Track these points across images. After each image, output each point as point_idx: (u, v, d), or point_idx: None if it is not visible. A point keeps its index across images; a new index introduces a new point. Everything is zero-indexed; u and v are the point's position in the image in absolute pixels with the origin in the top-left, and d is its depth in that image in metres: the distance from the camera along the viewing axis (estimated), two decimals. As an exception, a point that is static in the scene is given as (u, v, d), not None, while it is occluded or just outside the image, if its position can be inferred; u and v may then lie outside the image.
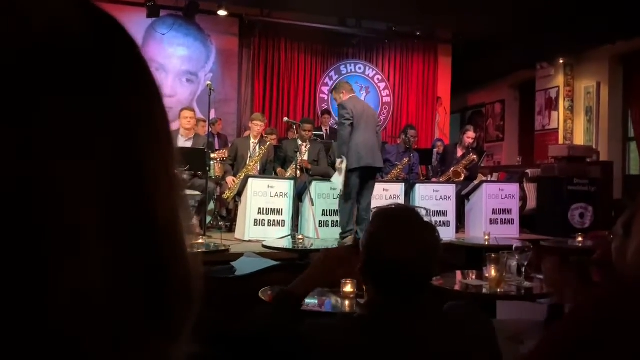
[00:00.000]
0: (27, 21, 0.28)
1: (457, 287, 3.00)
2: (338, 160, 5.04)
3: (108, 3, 8.12)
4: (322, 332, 1.10)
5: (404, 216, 1.23)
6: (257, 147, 6.00)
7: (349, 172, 4.87)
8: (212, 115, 7.86)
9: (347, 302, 2.35)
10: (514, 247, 2.71)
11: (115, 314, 0.29)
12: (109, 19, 0.34)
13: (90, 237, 0.28)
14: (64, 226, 0.27)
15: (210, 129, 7.41)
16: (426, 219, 1.24)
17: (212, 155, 5.67)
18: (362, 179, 5.01)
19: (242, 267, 3.37)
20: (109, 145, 0.29)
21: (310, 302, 2.25)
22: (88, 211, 0.28)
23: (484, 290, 2.68)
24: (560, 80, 9.36)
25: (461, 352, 1.13)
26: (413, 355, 1.09)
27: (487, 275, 2.66)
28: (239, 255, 3.92)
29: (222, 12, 8.30)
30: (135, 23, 8.34)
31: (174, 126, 7.18)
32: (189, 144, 5.67)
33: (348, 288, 2.35)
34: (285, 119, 6.24)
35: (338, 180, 5.06)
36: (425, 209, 5.30)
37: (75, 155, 0.28)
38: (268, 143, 6.03)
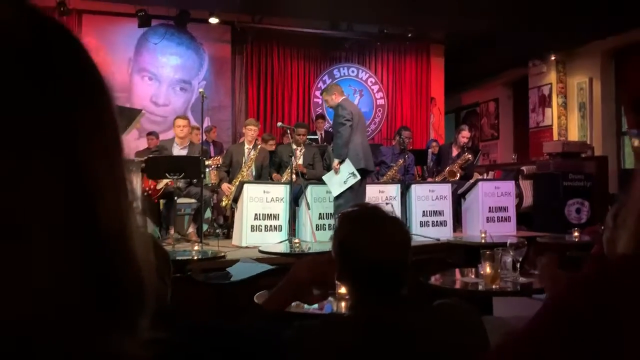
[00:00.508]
0: None
1: (452, 285, 3.01)
2: (336, 161, 5.01)
3: (99, 15, 8.15)
4: (308, 334, 1.10)
5: (369, 215, 1.24)
6: (252, 153, 6.00)
7: (349, 173, 4.88)
8: (207, 122, 7.88)
9: (342, 304, 2.35)
10: (508, 243, 2.72)
11: (64, 310, 0.29)
12: (50, 21, 0.34)
13: (37, 238, 0.28)
14: (9, 227, 0.28)
15: (205, 137, 7.43)
16: (391, 214, 1.25)
17: (207, 162, 5.68)
18: (359, 183, 5.01)
19: (238, 272, 3.37)
20: (49, 152, 0.30)
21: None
22: (33, 214, 0.28)
23: (480, 287, 2.68)
24: (552, 77, 9.39)
25: (450, 345, 1.13)
26: (402, 350, 1.09)
27: (482, 272, 2.67)
28: (235, 262, 3.91)
29: (213, 20, 8.32)
30: (127, 33, 8.37)
31: (168, 135, 7.19)
32: (184, 152, 5.67)
33: (344, 289, 2.35)
34: (279, 123, 6.24)
35: (333, 181, 5.03)
36: (391, 204, 5.34)
37: (14, 160, 0.28)
38: (259, 146, 6.04)
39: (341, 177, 4.97)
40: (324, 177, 5.28)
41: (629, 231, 0.62)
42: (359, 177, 4.92)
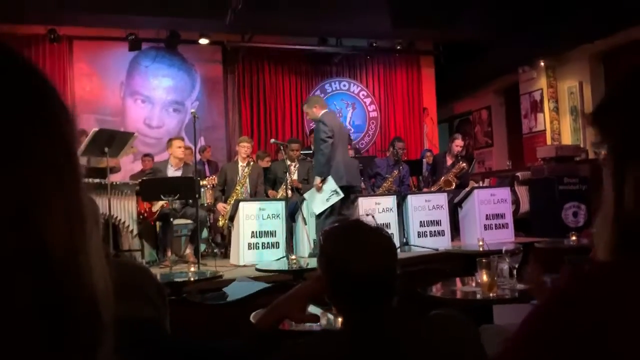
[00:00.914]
0: None
1: (451, 295, 3.00)
2: (318, 179, 4.88)
3: (90, 40, 8.20)
4: (296, 355, 1.09)
5: (351, 228, 1.24)
6: (246, 170, 6.01)
7: (332, 191, 4.78)
8: (201, 142, 7.89)
9: (340, 319, 2.33)
10: (503, 250, 2.71)
11: (13, 341, 0.29)
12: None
13: None
14: None
15: (200, 157, 7.43)
16: (373, 224, 1.25)
17: (202, 182, 5.67)
18: (342, 200, 4.91)
19: (234, 292, 3.34)
20: None
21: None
22: None
23: (478, 296, 2.67)
24: (543, 82, 9.45)
25: (443, 357, 1.12)
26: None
27: (479, 280, 2.65)
28: (232, 281, 3.89)
29: (203, 41, 8.37)
30: (119, 57, 8.42)
31: (163, 156, 7.20)
32: (178, 174, 5.67)
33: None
34: (272, 140, 6.26)
35: (315, 199, 4.92)
36: (371, 215, 5.25)
37: None
38: (251, 163, 6.04)
39: (324, 195, 4.86)
40: (305, 195, 5.19)
41: (602, 238, 0.63)
42: (341, 194, 4.80)
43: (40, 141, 0.33)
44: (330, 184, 4.83)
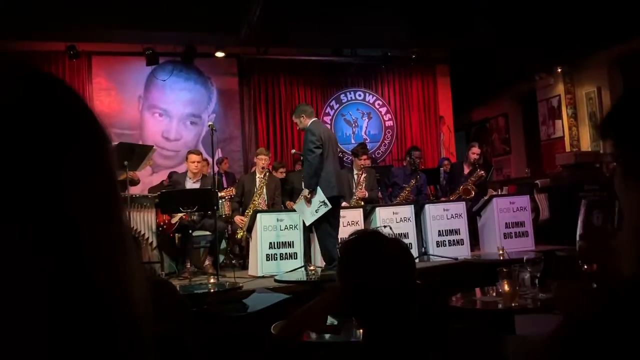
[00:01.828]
0: None
1: (472, 305, 2.96)
2: (306, 191, 4.78)
3: (108, 55, 8.35)
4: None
5: (369, 241, 1.24)
6: (263, 181, 6.03)
7: (320, 202, 4.68)
8: (218, 154, 7.95)
9: (360, 331, 2.32)
10: (524, 259, 2.68)
11: None
12: (44, 77, 0.35)
13: (29, 308, 0.29)
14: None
15: (217, 168, 7.49)
16: (390, 235, 1.25)
17: (220, 194, 5.70)
18: (332, 209, 4.81)
19: (254, 303, 3.35)
20: (42, 211, 0.30)
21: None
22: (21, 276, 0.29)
23: (499, 306, 2.64)
24: (560, 88, 9.37)
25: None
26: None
27: (500, 290, 2.62)
28: (252, 293, 3.90)
29: (219, 54, 8.47)
30: (136, 72, 8.54)
31: (181, 169, 7.27)
32: (197, 186, 5.72)
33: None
34: (294, 150, 6.27)
35: (305, 211, 4.85)
36: (389, 226, 5.18)
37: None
38: (267, 173, 6.06)
39: (312, 207, 4.77)
40: (295, 207, 5.13)
41: (628, 252, 0.62)
42: (329, 206, 4.70)
43: (87, 163, 0.34)
44: (319, 195, 4.71)
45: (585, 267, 1.03)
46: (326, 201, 4.69)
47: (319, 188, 4.70)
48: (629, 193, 0.65)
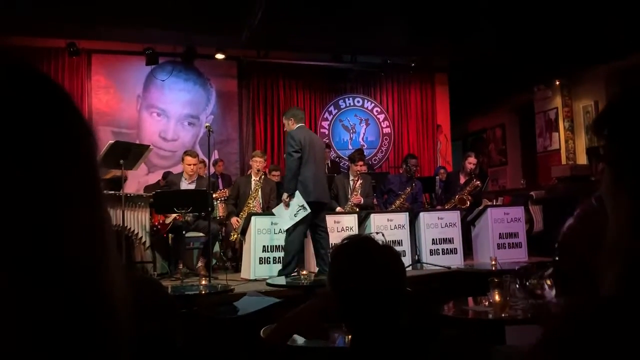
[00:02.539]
0: None
1: (463, 315, 2.96)
2: (285, 195, 4.85)
3: (108, 54, 8.34)
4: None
5: (361, 247, 1.24)
6: (259, 184, 6.03)
7: (299, 206, 4.73)
8: (215, 156, 7.95)
9: (349, 337, 2.31)
10: (516, 269, 2.68)
11: (33, 354, 0.29)
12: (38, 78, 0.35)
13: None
14: None
15: (214, 170, 7.48)
16: (381, 241, 1.26)
17: (214, 195, 5.69)
18: (312, 215, 4.86)
19: (245, 306, 3.34)
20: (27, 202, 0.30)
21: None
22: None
23: (490, 316, 2.64)
24: (558, 101, 9.41)
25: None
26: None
27: (491, 300, 2.63)
28: (243, 296, 3.89)
29: (220, 56, 8.48)
30: (136, 71, 8.55)
31: (177, 169, 7.27)
32: (192, 187, 5.71)
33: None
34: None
35: (282, 215, 4.89)
36: (381, 232, 5.21)
37: None
38: (262, 176, 6.06)
39: (291, 211, 4.81)
40: (273, 210, 5.16)
41: (609, 269, 0.58)
42: (309, 210, 4.75)
43: (67, 159, 0.34)
44: (298, 199, 4.77)
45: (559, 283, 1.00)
46: (305, 205, 4.74)
47: (297, 192, 4.77)
48: (617, 203, 0.60)
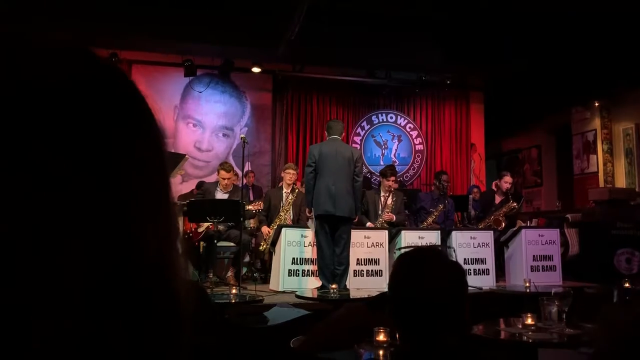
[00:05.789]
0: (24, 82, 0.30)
1: (496, 335, 2.90)
2: (307, 209, 5.18)
3: (148, 64, 8.56)
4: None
5: (426, 257, 1.23)
6: (290, 197, 6.06)
7: (315, 219, 4.92)
8: (247, 167, 8.03)
9: (380, 352, 2.29)
10: (553, 292, 2.62)
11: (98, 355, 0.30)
12: (110, 71, 0.36)
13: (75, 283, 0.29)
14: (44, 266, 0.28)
15: (245, 181, 7.56)
16: (453, 258, 1.24)
17: (248, 207, 5.74)
18: (330, 228, 4.84)
19: (274, 317, 3.35)
20: (98, 197, 0.30)
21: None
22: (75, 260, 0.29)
23: (524, 338, 2.58)
24: (597, 123, 9.20)
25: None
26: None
27: (526, 322, 2.57)
28: (272, 306, 3.90)
29: (256, 70, 8.61)
30: (174, 82, 8.75)
31: (210, 179, 7.37)
32: (226, 196, 5.78)
33: (381, 337, 2.30)
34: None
35: (312, 227, 5.15)
36: (453, 248, 5.21)
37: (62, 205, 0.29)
38: (297, 190, 6.09)
39: (311, 223, 5.09)
40: (308, 223, 5.44)
41: None
42: (315, 221, 4.94)
43: (146, 163, 0.35)
44: (313, 212, 5.00)
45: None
46: (313, 216, 4.95)
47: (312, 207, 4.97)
48: None
